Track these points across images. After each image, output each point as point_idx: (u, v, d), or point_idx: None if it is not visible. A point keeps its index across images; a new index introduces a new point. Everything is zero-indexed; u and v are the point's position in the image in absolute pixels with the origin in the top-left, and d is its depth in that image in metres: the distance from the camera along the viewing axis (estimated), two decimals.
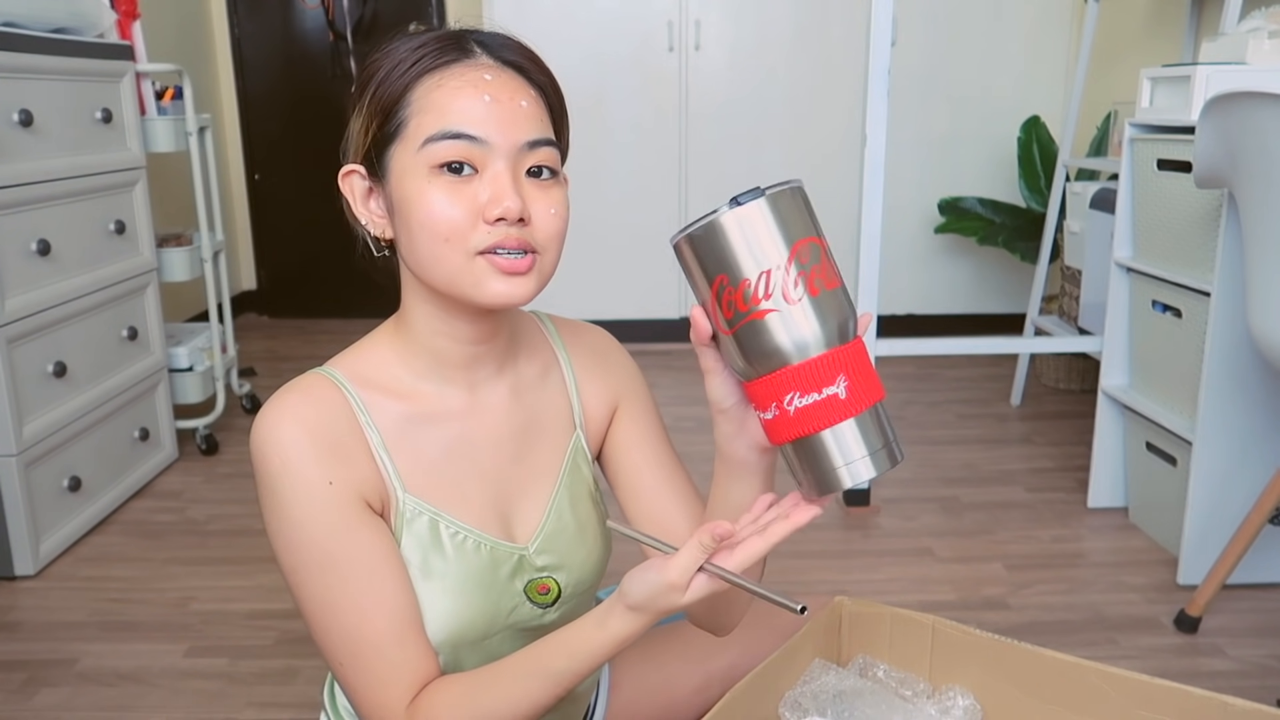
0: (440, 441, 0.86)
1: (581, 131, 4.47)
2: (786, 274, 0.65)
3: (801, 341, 0.66)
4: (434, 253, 0.77)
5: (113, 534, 2.16)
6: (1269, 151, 1.48)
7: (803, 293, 0.65)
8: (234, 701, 1.56)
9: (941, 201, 3.50)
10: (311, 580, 0.79)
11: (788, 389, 0.67)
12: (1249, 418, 1.81)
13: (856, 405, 0.67)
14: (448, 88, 0.77)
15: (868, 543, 2.09)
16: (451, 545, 0.85)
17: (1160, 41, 2.98)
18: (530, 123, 0.79)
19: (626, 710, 1.09)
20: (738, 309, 0.66)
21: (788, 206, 0.66)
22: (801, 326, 0.65)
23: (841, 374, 0.66)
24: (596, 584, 0.97)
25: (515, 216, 0.76)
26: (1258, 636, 1.70)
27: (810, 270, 0.66)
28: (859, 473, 0.68)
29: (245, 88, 4.12)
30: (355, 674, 0.79)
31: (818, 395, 0.66)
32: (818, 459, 0.68)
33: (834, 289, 0.67)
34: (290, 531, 0.79)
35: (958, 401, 3.04)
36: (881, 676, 0.98)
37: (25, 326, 1.95)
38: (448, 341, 0.85)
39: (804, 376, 0.66)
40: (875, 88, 2.01)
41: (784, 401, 0.67)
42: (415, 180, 0.77)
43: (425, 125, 0.77)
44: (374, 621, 0.78)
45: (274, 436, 0.79)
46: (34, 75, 2.01)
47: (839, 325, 0.67)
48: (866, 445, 0.68)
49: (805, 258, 0.66)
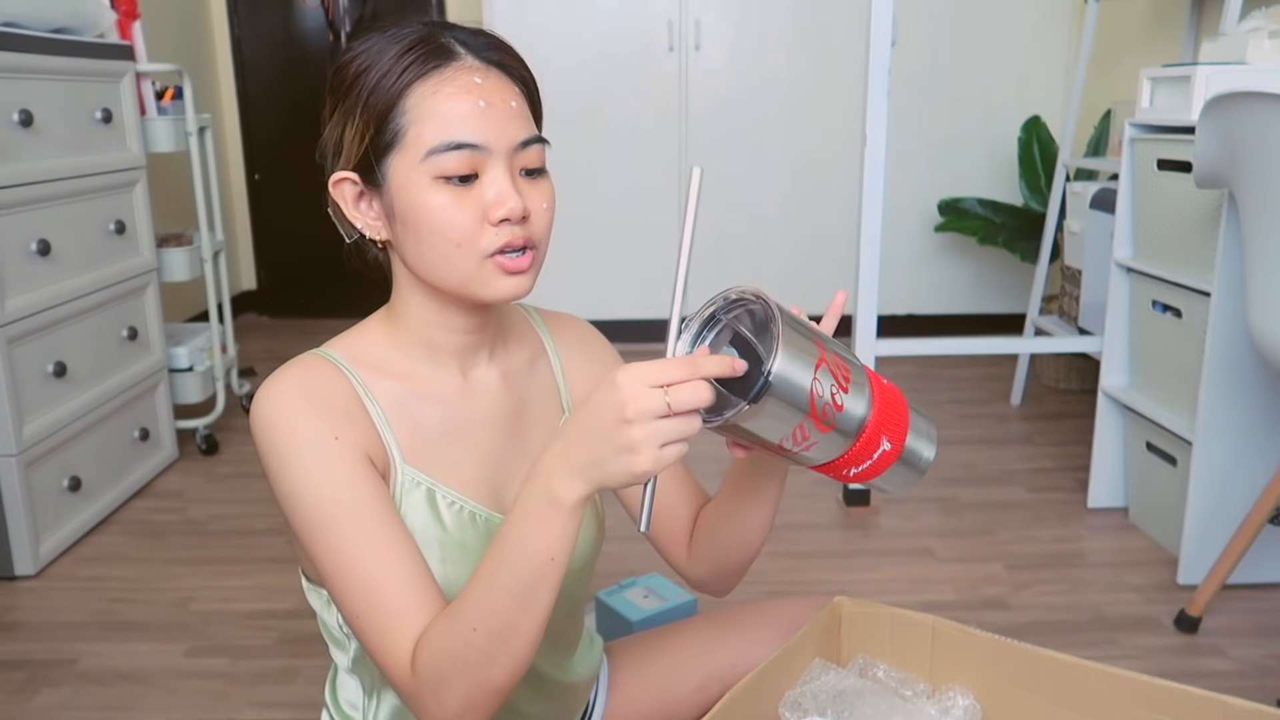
0: (436, 419, 0.88)
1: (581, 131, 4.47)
2: (820, 414, 0.68)
3: (843, 443, 0.72)
4: (445, 257, 0.80)
5: (113, 534, 2.16)
6: (1269, 151, 1.48)
7: (834, 416, 0.69)
8: (234, 701, 1.56)
9: (941, 201, 3.50)
10: (325, 533, 0.79)
11: (843, 468, 0.75)
12: (1249, 418, 1.81)
13: (900, 441, 0.75)
14: (443, 94, 0.78)
15: (868, 543, 2.09)
16: (449, 515, 0.87)
17: (1160, 41, 2.98)
18: (521, 122, 0.81)
19: (626, 708, 1.09)
20: (790, 446, 0.71)
21: (796, 351, 0.66)
22: (840, 436, 0.71)
23: (884, 435, 0.74)
24: (591, 559, 0.98)
25: (519, 217, 0.79)
26: (1258, 636, 1.70)
27: (832, 388, 0.68)
28: (925, 460, 0.79)
29: (245, 88, 4.12)
30: (372, 624, 0.78)
31: (871, 461, 0.75)
32: (890, 482, 0.79)
33: (848, 377, 0.70)
34: (300, 488, 0.79)
35: (958, 401, 3.04)
36: (881, 676, 0.98)
37: (25, 326, 1.95)
38: (441, 331, 0.87)
39: (852, 458, 0.74)
40: (875, 88, 2.01)
41: (844, 473, 0.76)
42: (418, 190, 0.79)
43: (425, 135, 0.78)
44: (388, 565, 0.78)
45: (277, 405, 0.80)
46: (34, 75, 2.01)
47: (866, 399, 0.72)
48: (923, 444, 0.78)
49: (822, 382, 0.68)
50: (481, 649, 0.72)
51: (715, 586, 0.99)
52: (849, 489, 2.23)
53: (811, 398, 0.67)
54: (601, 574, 1.81)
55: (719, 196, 3.62)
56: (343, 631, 0.92)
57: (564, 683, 1.00)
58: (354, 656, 0.93)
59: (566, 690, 1.01)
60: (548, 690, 0.99)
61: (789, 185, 3.63)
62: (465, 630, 0.72)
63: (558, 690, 1.00)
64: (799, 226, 3.66)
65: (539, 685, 0.97)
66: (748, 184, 3.62)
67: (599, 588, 1.56)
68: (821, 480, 2.40)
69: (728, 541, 0.93)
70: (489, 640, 0.72)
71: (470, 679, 0.73)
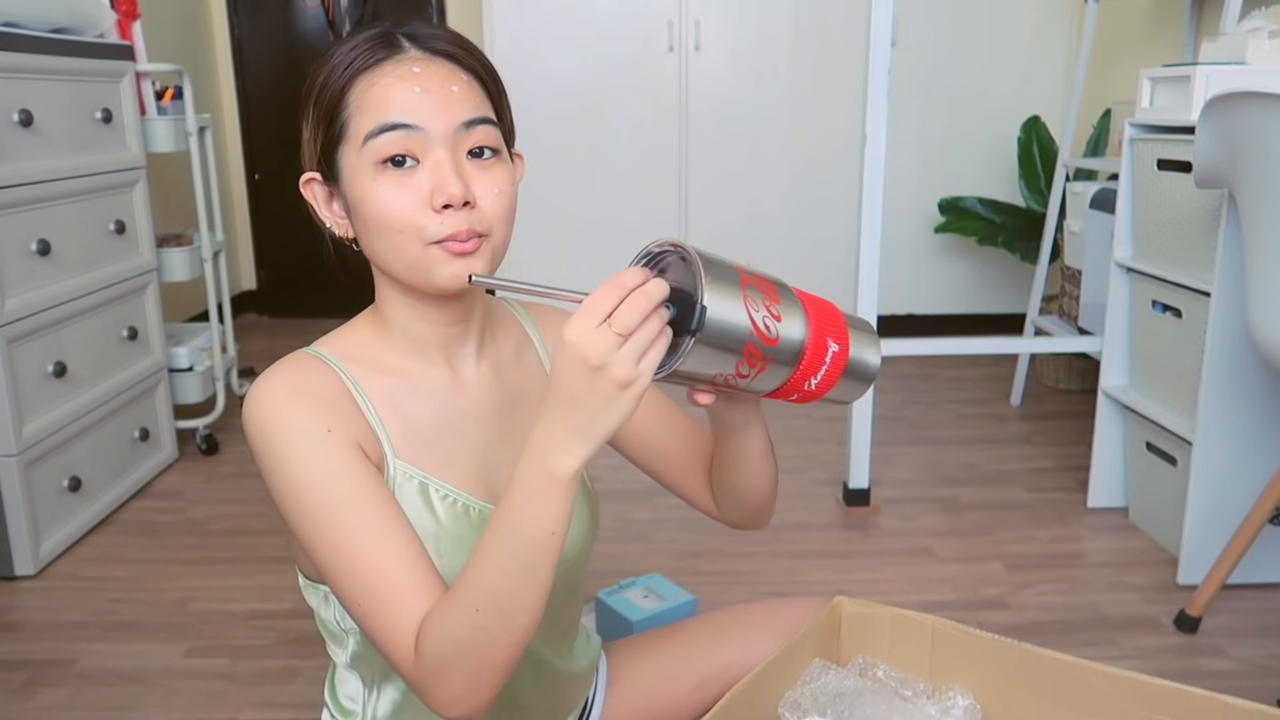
0: (427, 414, 0.88)
1: (581, 131, 4.48)
2: (763, 329, 0.70)
3: (793, 355, 0.74)
4: (390, 244, 0.81)
5: (113, 534, 2.16)
6: (1269, 151, 1.48)
7: (775, 328, 0.71)
8: (234, 701, 1.56)
9: (941, 201, 3.50)
10: (322, 526, 0.79)
11: (801, 382, 0.76)
12: (1249, 418, 1.81)
13: (844, 341, 0.78)
14: (380, 84, 0.80)
15: (868, 543, 2.09)
16: (443, 507, 0.87)
17: (1160, 41, 2.98)
18: (463, 105, 0.81)
19: (624, 707, 1.09)
20: (747, 371, 0.73)
21: (719, 276, 0.68)
22: (789, 347, 0.73)
23: (828, 336, 0.76)
24: (585, 549, 0.99)
25: (460, 201, 0.78)
26: (1258, 636, 1.70)
27: (764, 302, 0.71)
28: (874, 365, 0.82)
29: (245, 88, 4.12)
30: (374, 613, 0.78)
31: (825, 367, 0.76)
32: (846, 391, 0.81)
33: (775, 292, 0.72)
34: (295, 482, 0.79)
35: (958, 401, 3.04)
36: (881, 676, 0.98)
37: (25, 326, 1.95)
38: (421, 324, 0.88)
39: (807, 369, 0.75)
40: (875, 88, 2.01)
41: (804, 386, 0.77)
42: (363, 179, 0.80)
43: (363, 124, 0.79)
44: (385, 552, 0.78)
45: (269, 400, 0.81)
46: (34, 75, 2.01)
47: (798, 309, 0.74)
48: (868, 348, 0.80)
49: (753, 299, 0.70)
50: (485, 629, 0.72)
51: (752, 524, 1.01)
52: (849, 489, 2.23)
53: (749, 316, 0.69)
54: (601, 574, 1.81)
55: (719, 196, 3.62)
56: (340, 628, 0.92)
57: (563, 670, 1.00)
58: (352, 653, 0.93)
59: (566, 680, 1.01)
60: (548, 680, 0.99)
61: (789, 185, 3.63)
62: (468, 613, 0.73)
63: (558, 680, 1.00)
64: (799, 226, 3.66)
65: (539, 675, 0.97)
66: (748, 184, 3.62)
67: (599, 588, 1.56)
68: (821, 480, 2.40)
69: (738, 483, 0.95)
70: (493, 620, 0.72)
71: (476, 660, 0.73)
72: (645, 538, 2.07)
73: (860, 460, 2.22)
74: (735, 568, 1.96)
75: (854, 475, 2.23)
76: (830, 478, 2.43)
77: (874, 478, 2.31)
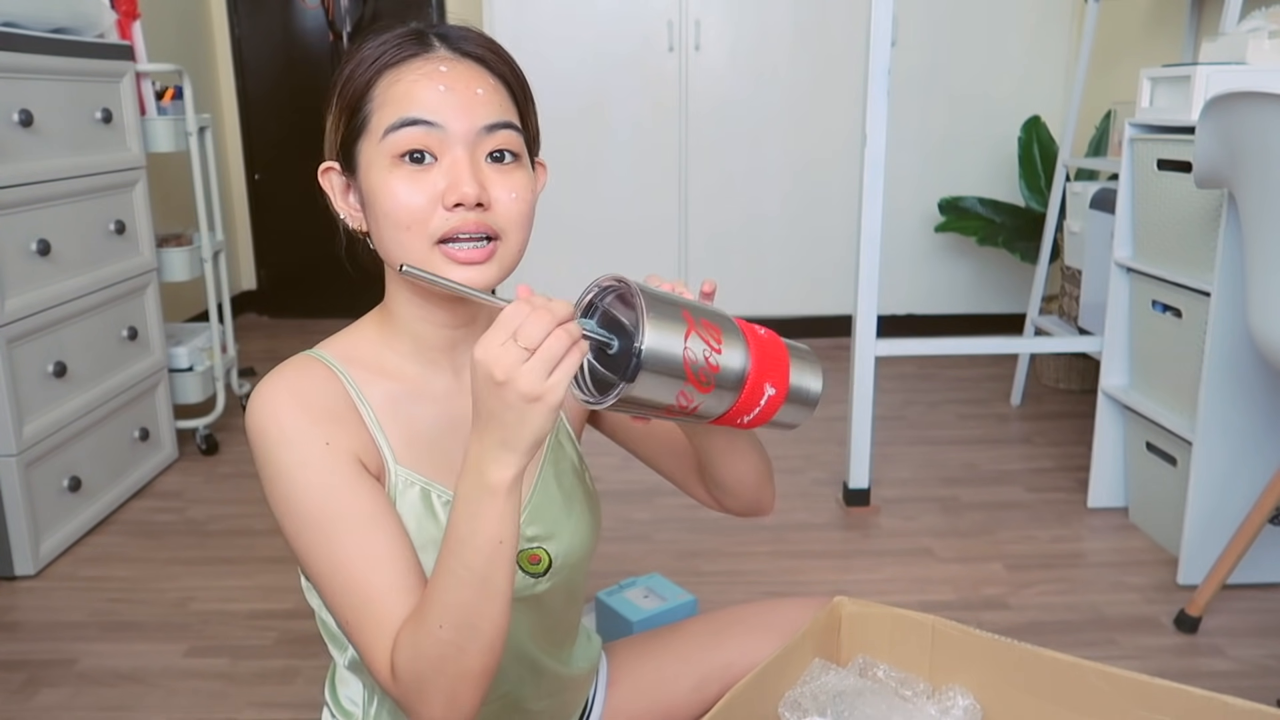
0: (429, 419, 0.88)
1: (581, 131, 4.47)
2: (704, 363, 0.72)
3: (734, 386, 0.76)
4: (397, 240, 0.80)
5: (113, 534, 2.16)
6: (1269, 151, 1.48)
7: (715, 362, 0.73)
8: (234, 701, 1.56)
9: (941, 201, 3.50)
10: (317, 541, 0.79)
11: (738, 416, 0.79)
12: (1249, 418, 1.81)
13: (783, 385, 0.79)
14: (405, 80, 0.80)
15: (868, 543, 2.09)
16: (444, 514, 0.87)
17: (1160, 41, 2.98)
18: (487, 108, 0.81)
19: (624, 707, 1.09)
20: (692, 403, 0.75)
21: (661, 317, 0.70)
22: (727, 381, 0.75)
23: (766, 382, 0.77)
24: (587, 555, 0.99)
25: (472, 201, 0.78)
26: (1258, 636, 1.70)
27: (706, 341, 0.72)
28: (815, 392, 0.84)
29: (245, 88, 4.12)
30: (364, 631, 0.78)
31: (759, 408, 0.78)
32: (785, 422, 0.83)
33: (720, 332, 0.74)
34: (291, 494, 0.80)
35: (958, 401, 3.04)
36: (881, 676, 0.98)
37: (25, 326, 1.95)
38: (428, 326, 0.88)
39: (744, 405, 0.78)
40: (875, 88, 2.01)
41: (740, 421, 0.79)
42: (379, 172, 0.80)
43: (385, 118, 0.80)
44: (378, 572, 0.78)
45: (270, 407, 0.81)
46: (34, 75, 2.01)
47: (742, 353, 0.75)
48: (809, 384, 0.82)
49: (694, 345, 0.71)
50: (451, 643, 0.73)
51: (754, 511, 1.02)
52: (849, 489, 2.23)
53: (686, 364, 0.71)
54: (602, 574, 1.81)
55: (719, 196, 3.62)
56: (342, 630, 0.92)
57: (564, 675, 1.00)
58: (352, 656, 0.93)
59: (566, 684, 1.01)
60: (549, 685, 0.99)
61: (789, 185, 3.63)
62: (433, 629, 0.73)
63: (558, 684, 1.00)
64: (799, 226, 3.66)
65: (541, 680, 0.97)
66: (748, 184, 3.62)
67: (599, 588, 1.56)
68: (821, 480, 2.40)
69: (726, 476, 0.96)
70: (456, 633, 0.73)
71: (447, 674, 0.74)
72: (645, 538, 2.08)
73: (860, 460, 2.22)
74: (735, 568, 1.96)
75: (854, 475, 2.23)
76: (830, 478, 2.43)
77: (874, 478, 2.31)
